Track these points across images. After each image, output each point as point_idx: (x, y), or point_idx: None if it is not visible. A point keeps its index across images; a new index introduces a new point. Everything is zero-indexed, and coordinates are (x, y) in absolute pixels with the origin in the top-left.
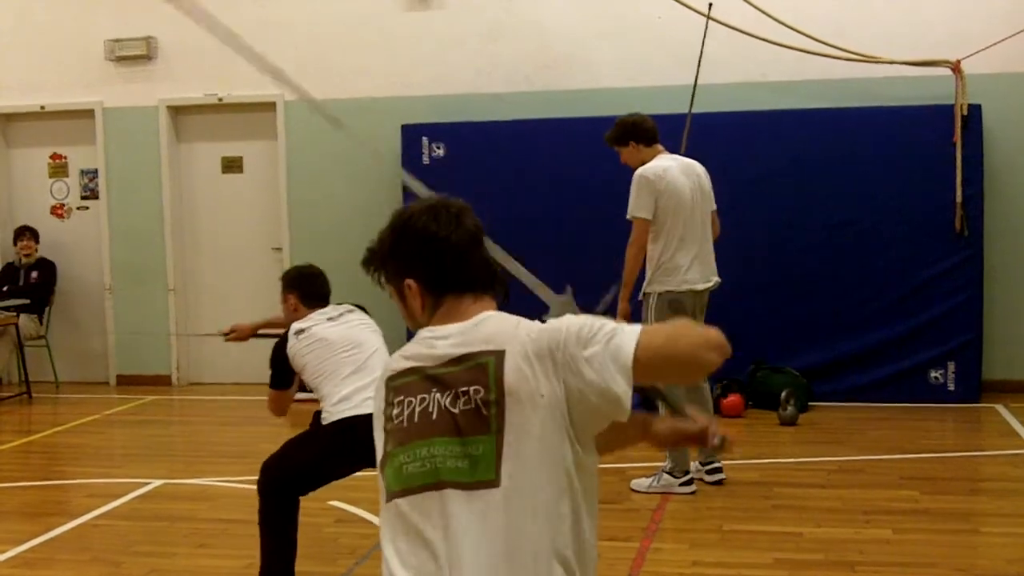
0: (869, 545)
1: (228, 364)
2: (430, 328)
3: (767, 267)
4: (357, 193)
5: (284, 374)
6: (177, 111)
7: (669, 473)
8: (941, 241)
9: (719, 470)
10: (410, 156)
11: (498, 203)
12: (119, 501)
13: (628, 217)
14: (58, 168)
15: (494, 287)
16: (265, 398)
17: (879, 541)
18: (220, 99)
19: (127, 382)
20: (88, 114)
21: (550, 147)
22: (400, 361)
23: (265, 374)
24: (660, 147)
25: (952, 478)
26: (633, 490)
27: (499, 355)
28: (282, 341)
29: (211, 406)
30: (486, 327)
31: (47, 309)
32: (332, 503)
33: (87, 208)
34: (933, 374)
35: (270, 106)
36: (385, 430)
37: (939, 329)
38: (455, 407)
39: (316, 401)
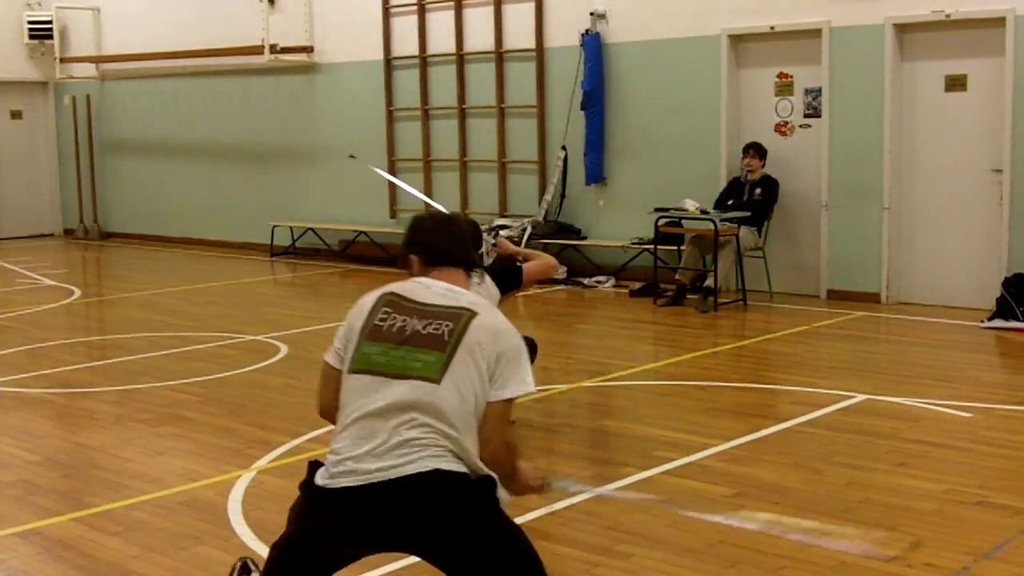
0: None
1: (939, 286)
2: (425, 278)
3: None
4: None
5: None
6: (903, 29)
7: None
8: None
9: None
10: None
11: None
12: (823, 411)
13: None
14: (784, 87)
15: (468, 268)
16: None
17: None
18: (947, 15)
19: (837, 297)
20: (815, 34)
21: None
22: (399, 288)
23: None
24: None
25: None
26: None
27: (472, 316)
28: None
29: (918, 327)
30: (468, 296)
31: (766, 223)
32: None
33: (809, 126)
34: None
35: (999, 22)
36: (363, 325)
37: None
38: (424, 331)
39: None
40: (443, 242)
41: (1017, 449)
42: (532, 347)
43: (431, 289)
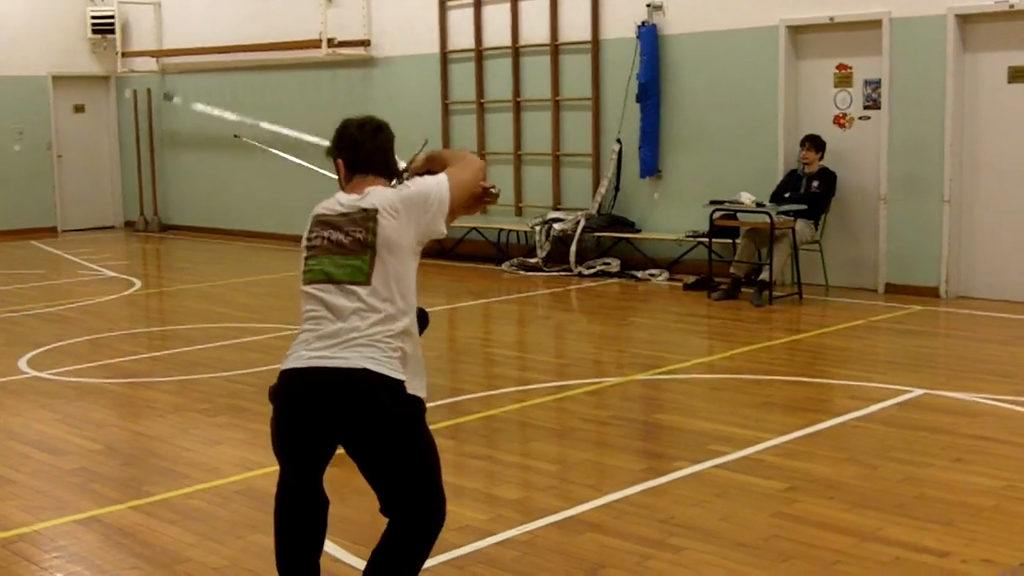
0: None
1: (999, 281)
2: (342, 193)
3: None
4: None
5: None
6: (965, 19)
7: None
8: None
9: None
10: None
11: None
12: (879, 406)
13: None
14: (843, 78)
15: (388, 175)
16: None
17: None
18: (1011, 5)
19: (894, 291)
20: (876, 24)
21: None
22: (320, 209)
23: None
24: None
25: None
26: None
27: (375, 213)
28: None
29: (977, 322)
30: (370, 197)
31: (823, 216)
32: None
33: (868, 118)
34: None
35: None
36: (306, 247)
37: None
38: (346, 239)
39: None
40: (367, 151)
41: None
42: (424, 319)
43: (342, 202)
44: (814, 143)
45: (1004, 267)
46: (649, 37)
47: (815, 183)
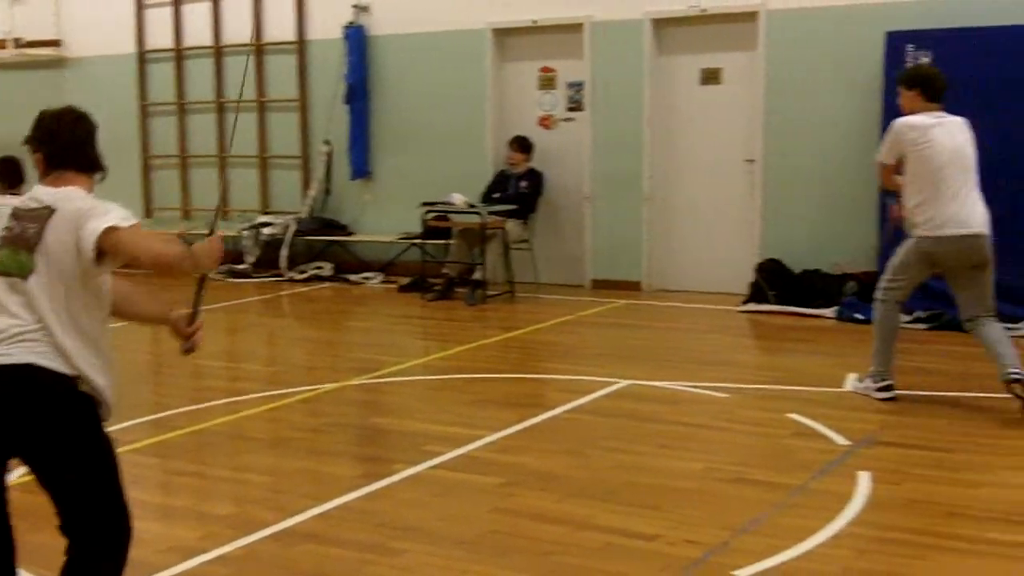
0: None
1: (697, 273)
2: (40, 186)
3: None
4: (835, 104)
5: None
6: (660, 24)
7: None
8: None
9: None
10: (893, 65)
11: (985, 116)
12: (588, 398)
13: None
14: (547, 80)
15: (89, 168)
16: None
17: None
18: (703, 10)
19: (601, 286)
20: (577, 28)
21: None
22: (17, 201)
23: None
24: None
25: None
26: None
27: (51, 213)
28: None
29: (677, 313)
30: (56, 195)
31: (532, 215)
32: (791, 416)
33: (572, 120)
34: None
35: (751, 16)
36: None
37: None
38: (24, 234)
39: None
40: (62, 144)
41: (771, 426)
42: None
43: (35, 196)
44: (521, 144)
45: (700, 260)
46: (356, 38)
47: (523, 183)
